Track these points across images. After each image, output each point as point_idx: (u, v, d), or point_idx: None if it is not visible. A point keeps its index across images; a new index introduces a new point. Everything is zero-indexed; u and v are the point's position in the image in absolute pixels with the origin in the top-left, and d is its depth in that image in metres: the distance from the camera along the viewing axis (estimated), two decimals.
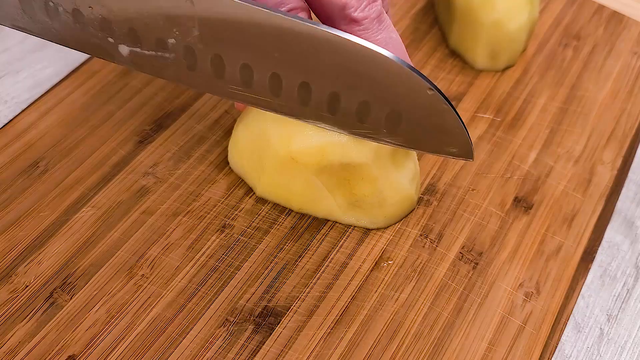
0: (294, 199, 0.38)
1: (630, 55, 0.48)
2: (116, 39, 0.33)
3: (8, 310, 0.34)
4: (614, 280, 0.37)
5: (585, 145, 0.43)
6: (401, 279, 0.36)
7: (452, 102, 0.44)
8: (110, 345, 0.33)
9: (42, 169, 0.40)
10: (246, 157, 0.38)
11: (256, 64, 0.32)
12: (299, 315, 0.35)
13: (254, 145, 0.37)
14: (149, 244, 0.37)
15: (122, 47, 0.34)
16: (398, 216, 0.38)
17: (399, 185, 0.36)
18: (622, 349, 0.35)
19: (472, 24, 0.44)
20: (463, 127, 0.32)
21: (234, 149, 0.39)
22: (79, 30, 0.34)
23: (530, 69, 0.47)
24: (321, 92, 0.32)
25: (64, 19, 0.34)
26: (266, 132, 0.35)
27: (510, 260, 0.37)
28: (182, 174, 0.40)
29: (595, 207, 0.40)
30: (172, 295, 0.35)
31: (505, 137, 0.43)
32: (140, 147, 0.41)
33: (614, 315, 0.36)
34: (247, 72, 0.32)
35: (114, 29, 0.33)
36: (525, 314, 0.35)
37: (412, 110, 0.31)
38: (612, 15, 0.51)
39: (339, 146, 0.34)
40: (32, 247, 0.36)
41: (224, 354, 0.33)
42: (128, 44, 0.33)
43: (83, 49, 0.35)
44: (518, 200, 0.40)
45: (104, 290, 0.35)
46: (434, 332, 0.34)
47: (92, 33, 0.34)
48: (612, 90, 0.46)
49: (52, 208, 0.38)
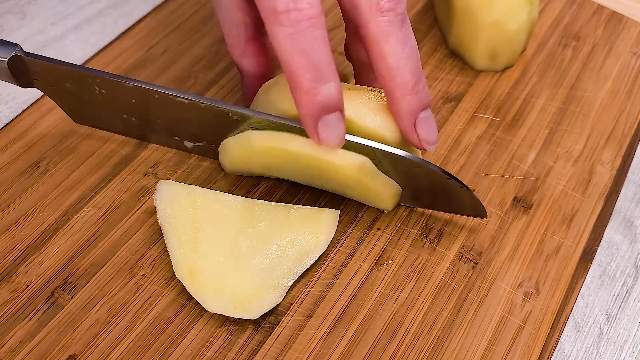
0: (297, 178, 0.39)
1: (629, 55, 0.48)
2: (181, 138, 0.40)
3: (9, 310, 0.34)
4: (613, 279, 0.37)
5: (585, 145, 0.43)
6: (401, 278, 0.36)
7: (451, 102, 0.44)
8: (111, 344, 0.33)
9: (42, 169, 0.40)
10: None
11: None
12: (299, 314, 0.35)
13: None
14: (150, 243, 0.37)
15: (187, 142, 0.40)
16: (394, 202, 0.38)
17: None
18: (622, 349, 0.35)
19: (472, 25, 0.44)
20: (478, 202, 0.37)
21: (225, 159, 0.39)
22: (149, 132, 0.40)
23: (529, 69, 0.47)
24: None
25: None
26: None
27: (509, 260, 0.37)
28: (183, 174, 0.40)
29: (594, 206, 0.40)
30: (173, 294, 0.35)
31: (505, 137, 0.43)
32: (140, 147, 0.41)
33: (613, 314, 0.36)
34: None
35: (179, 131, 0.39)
36: (525, 313, 0.35)
37: (435, 189, 0.37)
38: (612, 16, 0.51)
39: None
40: (33, 246, 0.37)
41: (224, 353, 0.33)
42: (191, 141, 0.40)
43: (152, 142, 0.41)
44: (517, 200, 0.40)
45: (105, 289, 0.35)
46: (434, 332, 0.35)
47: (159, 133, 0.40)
48: (612, 90, 0.46)
49: (53, 208, 0.38)
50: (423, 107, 0.35)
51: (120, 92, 0.37)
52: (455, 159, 0.41)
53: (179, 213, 0.35)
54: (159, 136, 0.40)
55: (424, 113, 0.35)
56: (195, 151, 0.40)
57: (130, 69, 0.45)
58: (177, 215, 0.35)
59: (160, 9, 0.49)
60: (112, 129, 0.40)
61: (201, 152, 0.40)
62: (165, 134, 0.39)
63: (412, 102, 0.34)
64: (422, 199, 0.38)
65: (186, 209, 0.36)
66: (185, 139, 0.39)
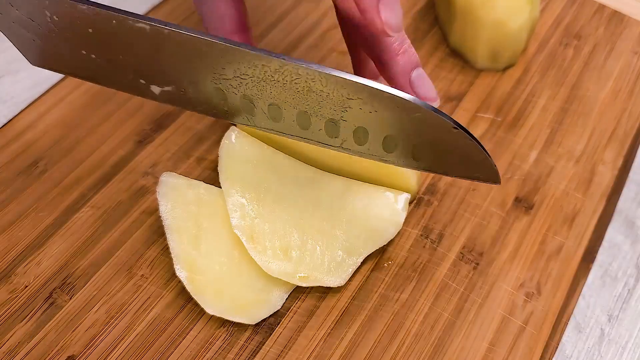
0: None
1: (631, 54, 0.48)
2: (147, 81, 0.35)
3: (7, 311, 0.34)
4: (615, 280, 0.37)
5: (586, 145, 0.43)
6: (402, 279, 0.36)
7: (452, 101, 0.44)
8: (109, 345, 0.33)
9: (41, 168, 0.40)
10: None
11: (285, 104, 0.33)
12: (299, 315, 0.35)
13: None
14: (149, 244, 0.37)
15: (153, 87, 0.35)
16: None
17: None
18: (623, 350, 0.35)
19: (473, 24, 0.44)
20: (489, 158, 0.32)
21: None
22: (112, 71, 0.35)
23: (530, 69, 0.47)
24: (346, 128, 0.33)
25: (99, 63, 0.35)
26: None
27: (511, 261, 0.37)
28: (182, 174, 0.40)
29: (596, 207, 0.40)
30: (172, 295, 0.35)
31: (506, 137, 0.43)
32: (139, 147, 0.41)
33: (614, 315, 0.36)
34: (276, 110, 0.33)
35: (146, 72, 0.34)
36: (526, 314, 0.35)
37: (439, 143, 0.32)
38: (613, 15, 0.51)
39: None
40: (31, 247, 0.36)
41: (224, 354, 0.33)
42: (160, 84, 0.35)
43: (117, 88, 0.36)
44: (519, 200, 0.40)
45: (104, 290, 0.35)
46: (435, 333, 0.34)
47: (125, 74, 0.35)
48: (613, 90, 0.46)
49: (52, 208, 0.38)
50: (413, 66, 0.35)
51: (75, 19, 0.33)
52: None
53: (181, 207, 0.35)
54: (124, 79, 0.35)
55: (416, 72, 0.35)
56: (163, 99, 0.36)
57: None
58: (179, 209, 0.35)
59: (159, 8, 0.49)
60: (72, 72, 0.36)
61: (169, 99, 0.36)
62: (131, 75, 0.35)
63: (401, 62, 0.35)
64: (423, 157, 0.34)
65: (189, 204, 0.35)
66: (152, 82, 0.35)
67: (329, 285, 0.34)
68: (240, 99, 0.33)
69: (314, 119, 0.33)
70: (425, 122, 0.32)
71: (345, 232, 0.35)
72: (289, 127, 0.34)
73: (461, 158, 0.32)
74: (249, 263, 0.34)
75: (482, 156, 0.32)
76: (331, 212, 0.36)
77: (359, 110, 0.31)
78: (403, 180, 0.37)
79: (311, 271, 0.34)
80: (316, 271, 0.34)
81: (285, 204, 0.35)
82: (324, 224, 0.35)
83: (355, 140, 0.33)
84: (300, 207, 0.36)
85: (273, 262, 0.34)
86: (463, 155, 0.32)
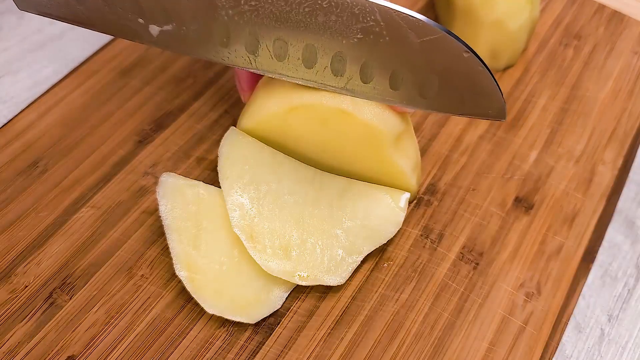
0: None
1: (631, 54, 0.48)
2: (147, 19, 0.33)
3: (7, 311, 0.34)
4: (615, 280, 0.37)
5: (586, 145, 0.43)
6: (401, 279, 0.36)
7: None
8: (109, 345, 0.33)
9: (41, 168, 0.40)
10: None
11: (290, 38, 0.31)
12: (299, 315, 0.35)
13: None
14: (149, 244, 0.37)
15: (152, 27, 0.33)
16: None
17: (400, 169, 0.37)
18: (623, 350, 0.35)
19: (473, 24, 0.44)
20: (497, 88, 0.30)
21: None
22: (107, 11, 0.33)
23: (530, 69, 0.47)
24: (354, 62, 0.31)
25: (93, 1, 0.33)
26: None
27: (511, 261, 0.37)
28: (182, 174, 0.40)
29: (596, 207, 0.40)
30: (172, 295, 0.35)
31: (506, 137, 0.43)
32: (139, 146, 0.41)
33: (614, 315, 0.36)
34: (281, 46, 0.32)
35: (145, 9, 0.33)
36: (526, 314, 0.35)
37: (448, 73, 0.31)
38: (613, 15, 0.51)
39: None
40: (31, 247, 0.36)
41: (223, 354, 0.33)
42: (159, 23, 0.33)
43: (111, 31, 0.34)
44: (519, 200, 0.40)
45: (104, 290, 0.35)
46: (435, 333, 0.34)
47: (121, 14, 0.33)
48: (613, 90, 0.46)
49: (52, 208, 0.38)
50: None
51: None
52: (456, 159, 0.41)
53: (181, 207, 0.35)
54: (120, 19, 0.33)
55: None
56: (161, 43, 0.34)
57: (129, 68, 0.45)
58: (179, 209, 0.35)
59: None
60: (63, 15, 0.34)
61: (167, 42, 0.34)
62: (128, 11, 0.33)
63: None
64: (431, 93, 0.32)
65: (189, 204, 0.35)
66: (152, 21, 0.33)
67: (328, 284, 0.34)
68: (245, 36, 0.32)
69: (320, 53, 0.31)
70: (437, 48, 0.30)
71: (345, 231, 0.35)
72: (293, 67, 0.32)
73: (470, 91, 0.31)
74: (248, 262, 0.34)
75: (492, 87, 0.30)
76: (331, 212, 0.36)
77: (369, 40, 0.30)
78: (403, 180, 0.37)
79: (311, 270, 0.34)
80: (316, 270, 0.34)
81: (285, 203, 0.35)
82: (323, 223, 0.35)
83: (361, 77, 0.32)
84: (300, 207, 0.36)
85: (273, 261, 0.34)
86: (472, 87, 0.31)
